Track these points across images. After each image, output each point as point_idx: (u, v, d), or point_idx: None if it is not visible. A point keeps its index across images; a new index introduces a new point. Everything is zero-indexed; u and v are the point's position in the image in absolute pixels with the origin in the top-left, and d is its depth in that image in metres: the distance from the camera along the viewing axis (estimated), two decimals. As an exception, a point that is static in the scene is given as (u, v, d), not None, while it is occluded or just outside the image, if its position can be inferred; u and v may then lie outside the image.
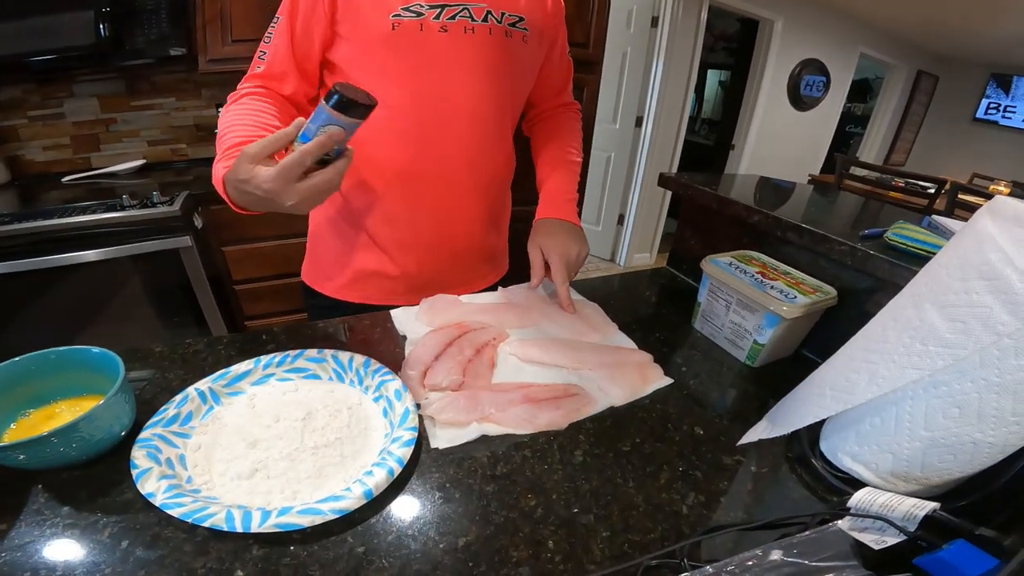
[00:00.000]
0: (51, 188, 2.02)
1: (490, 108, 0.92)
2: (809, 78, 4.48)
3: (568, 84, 1.14)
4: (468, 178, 0.96)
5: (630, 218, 4.15)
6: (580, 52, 2.13)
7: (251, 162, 0.63)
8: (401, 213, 0.97)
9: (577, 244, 0.96)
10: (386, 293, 1.03)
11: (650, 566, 0.48)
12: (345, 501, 0.51)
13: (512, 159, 1.07)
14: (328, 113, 0.60)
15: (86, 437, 0.53)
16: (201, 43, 1.95)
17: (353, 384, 0.71)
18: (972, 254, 0.47)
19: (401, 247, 1.00)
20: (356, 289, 1.04)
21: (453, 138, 0.91)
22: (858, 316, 0.76)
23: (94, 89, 2.16)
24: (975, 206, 3.20)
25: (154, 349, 0.77)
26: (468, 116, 0.90)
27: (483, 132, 0.93)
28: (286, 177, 0.61)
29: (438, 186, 0.95)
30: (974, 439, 0.48)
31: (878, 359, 0.53)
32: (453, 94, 0.88)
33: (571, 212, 1.04)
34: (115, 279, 1.84)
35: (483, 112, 0.91)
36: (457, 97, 0.88)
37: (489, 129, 0.94)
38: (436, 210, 0.97)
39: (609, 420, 0.69)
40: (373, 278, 1.03)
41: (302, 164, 0.61)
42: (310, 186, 0.63)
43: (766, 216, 0.90)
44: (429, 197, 0.96)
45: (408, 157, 0.91)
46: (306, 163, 0.61)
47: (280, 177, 0.61)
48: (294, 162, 0.61)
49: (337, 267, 1.04)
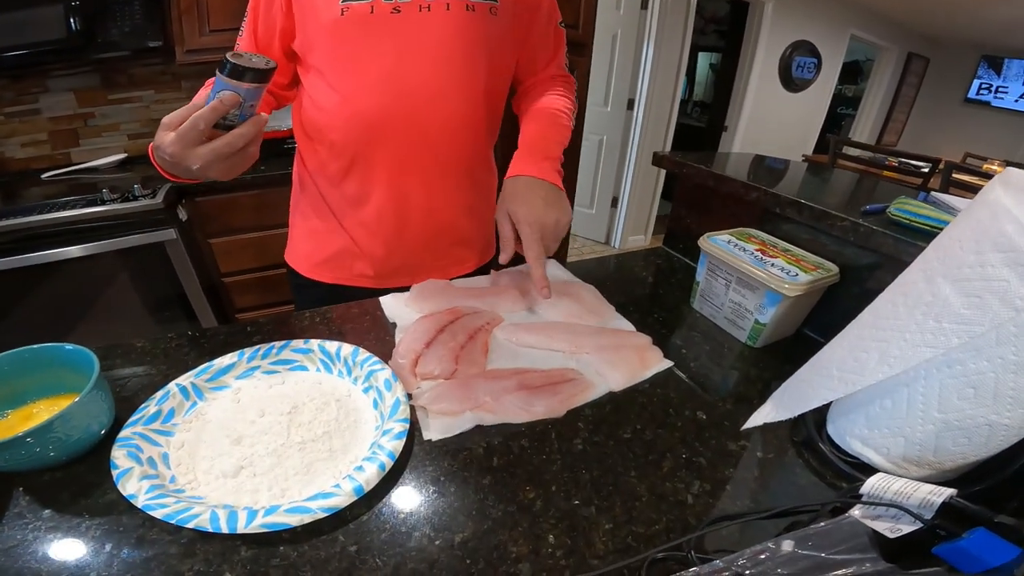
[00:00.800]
0: (31, 185, 2.00)
1: (454, 89, 0.88)
2: (800, 59, 4.48)
3: (558, 55, 1.07)
4: (431, 162, 0.93)
5: (624, 200, 4.17)
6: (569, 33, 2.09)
7: (164, 129, 0.65)
8: (362, 197, 0.95)
9: (555, 210, 0.84)
10: (356, 275, 1.02)
11: (656, 559, 0.46)
12: (335, 498, 0.49)
13: (489, 140, 1.03)
14: (220, 79, 0.63)
15: (62, 437, 0.51)
16: (177, 34, 1.93)
17: (342, 375, 0.69)
18: (987, 226, 0.45)
19: (366, 230, 0.98)
20: (328, 269, 1.03)
21: (410, 122, 0.88)
22: (861, 294, 0.75)
23: (69, 84, 2.13)
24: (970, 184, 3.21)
25: (135, 344, 0.74)
26: (428, 99, 0.87)
27: (446, 114, 0.90)
28: (183, 141, 0.63)
29: (399, 170, 0.92)
30: (990, 421, 0.46)
31: (889, 337, 0.50)
32: (408, 76, 0.85)
33: (550, 170, 0.89)
34: (102, 275, 1.83)
35: (447, 93, 0.88)
36: (412, 79, 0.85)
37: (454, 111, 0.90)
38: (398, 194, 0.94)
39: (608, 406, 0.67)
40: (341, 259, 1.02)
41: (195, 127, 0.63)
42: (209, 149, 0.64)
43: (764, 192, 0.88)
44: (389, 181, 0.93)
45: (365, 141, 0.89)
46: (199, 127, 0.63)
47: (178, 142, 0.63)
48: (188, 126, 0.63)
49: (310, 246, 1.04)
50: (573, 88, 1.10)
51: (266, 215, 2.05)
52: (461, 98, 0.90)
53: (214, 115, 0.63)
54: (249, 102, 0.65)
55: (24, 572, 0.43)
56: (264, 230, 2.09)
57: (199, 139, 0.64)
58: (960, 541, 0.39)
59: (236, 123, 0.66)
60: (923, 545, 0.42)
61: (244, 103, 0.64)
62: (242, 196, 1.98)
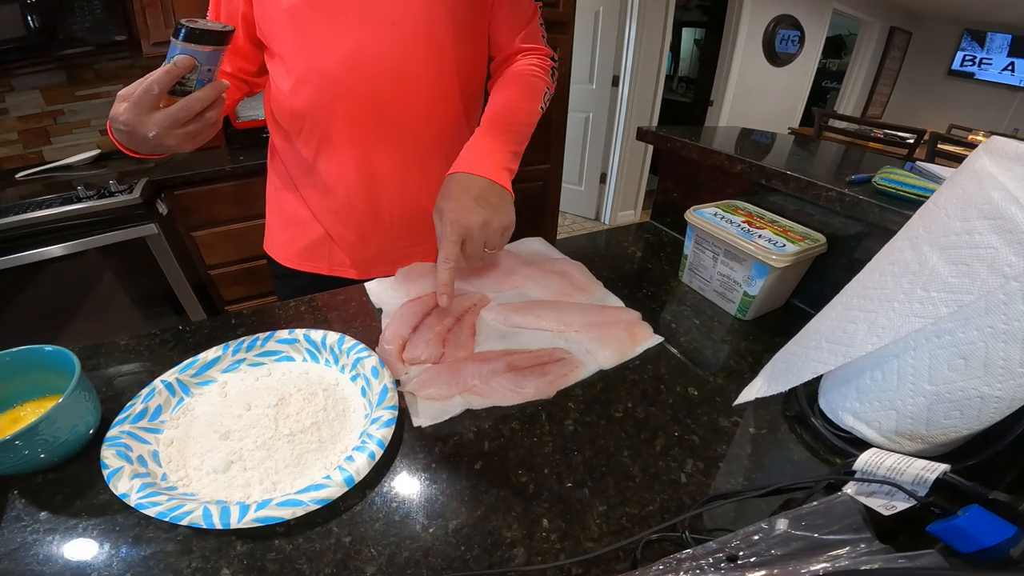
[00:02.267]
0: (5, 185, 1.96)
1: (421, 65, 0.85)
2: (784, 32, 4.45)
3: (530, 25, 0.96)
4: (401, 144, 0.90)
5: (612, 177, 4.17)
6: (550, 12, 2.09)
7: (119, 100, 0.63)
8: (332, 183, 0.93)
9: (486, 210, 0.75)
10: (335, 265, 1.01)
11: (650, 541, 0.46)
12: (326, 490, 0.48)
13: (469, 119, 0.99)
14: (174, 45, 0.62)
15: (50, 439, 0.50)
16: (142, 27, 1.90)
17: (329, 363, 0.68)
18: (973, 193, 0.45)
19: (337, 217, 0.96)
20: (306, 259, 1.02)
21: (376, 103, 0.85)
22: (849, 263, 0.75)
23: (34, 82, 2.09)
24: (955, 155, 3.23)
25: (119, 343, 0.73)
26: (392, 78, 0.84)
27: (413, 92, 0.86)
28: (137, 108, 0.62)
29: (367, 154, 0.90)
30: (981, 393, 0.46)
31: (876, 307, 0.50)
32: (370, 56, 0.82)
33: (492, 167, 0.79)
34: (86, 273, 1.81)
35: (413, 70, 0.84)
36: (375, 58, 0.82)
37: (421, 88, 0.86)
38: (367, 179, 0.92)
39: (599, 385, 0.67)
40: (318, 248, 1.00)
41: (149, 92, 0.61)
42: (165, 115, 0.63)
43: (750, 165, 0.87)
44: (358, 166, 0.91)
45: (330, 125, 0.87)
46: (153, 91, 0.61)
47: (132, 108, 0.62)
48: (141, 91, 0.61)
49: (285, 235, 1.03)
50: (547, 62, 0.99)
51: (248, 206, 2.02)
52: (429, 75, 0.87)
53: (168, 78, 0.61)
54: (206, 66, 0.64)
55: (27, 575, 0.43)
56: (247, 221, 2.07)
57: (154, 105, 0.62)
58: (955, 519, 0.38)
59: (195, 90, 0.65)
60: (918, 522, 0.42)
61: (201, 67, 0.63)
62: (222, 187, 1.95)
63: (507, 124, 0.87)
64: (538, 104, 0.93)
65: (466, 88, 0.94)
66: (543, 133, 2.42)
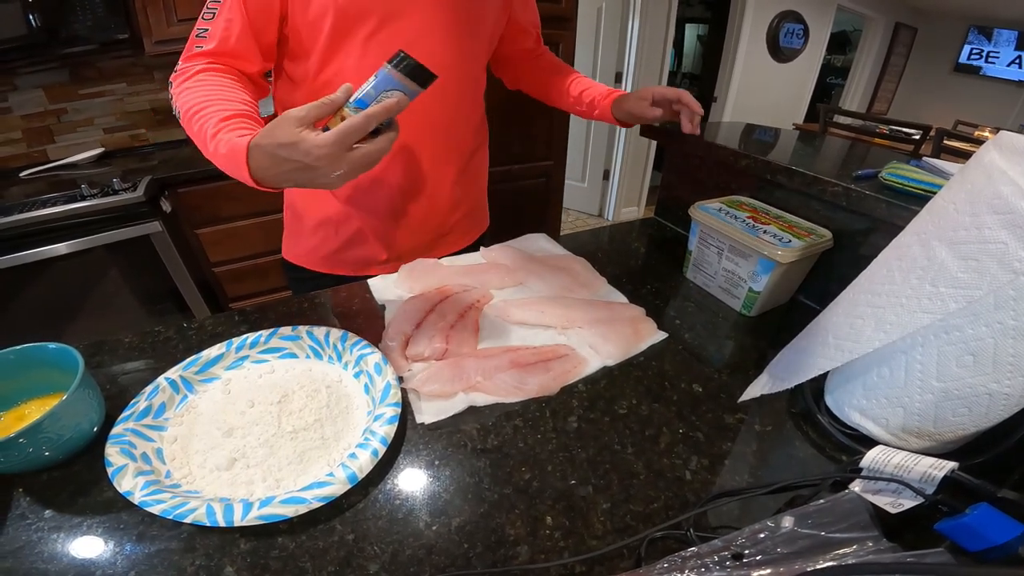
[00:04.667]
0: (10, 184, 1.96)
1: (457, 66, 0.87)
2: (788, 26, 4.42)
3: (538, 28, 1.09)
4: (437, 137, 0.92)
5: (615, 173, 4.15)
6: (552, 8, 2.08)
7: (297, 125, 0.56)
8: (377, 181, 0.93)
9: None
10: (367, 263, 1.01)
11: (655, 538, 0.46)
12: (329, 487, 0.48)
13: (485, 120, 1.04)
14: (395, 78, 0.57)
15: (53, 437, 0.51)
16: (144, 25, 1.89)
17: (332, 360, 0.68)
18: (982, 188, 0.44)
19: (376, 215, 0.96)
20: (338, 262, 1.01)
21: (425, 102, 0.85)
22: (855, 259, 0.75)
23: (37, 80, 2.09)
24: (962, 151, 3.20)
25: (123, 340, 0.73)
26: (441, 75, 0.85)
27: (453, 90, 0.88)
28: (344, 143, 0.56)
29: (413, 151, 0.90)
30: (990, 390, 0.45)
31: (884, 303, 0.50)
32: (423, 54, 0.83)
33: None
34: (91, 271, 1.81)
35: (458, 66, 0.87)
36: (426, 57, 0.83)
37: (459, 88, 0.90)
38: (412, 175, 0.93)
39: (603, 381, 0.67)
40: (352, 248, 0.99)
41: (365, 129, 0.56)
42: (362, 155, 0.57)
43: (755, 160, 0.87)
44: (405, 164, 0.91)
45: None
46: (369, 128, 0.56)
47: (338, 143, 0.55)
48: (357, 126, 0.55)
49: (316, 240, 1.01)
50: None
51: (251, 203, 2.02)
52: (464, 75, 0.90)
53: (387, 116, 0.57)
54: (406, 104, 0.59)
55: (31, 573, 0.43)
56: (250, 218, 2.07)
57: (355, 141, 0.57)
58: (963, 518, 0.38)
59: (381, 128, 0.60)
60: (925, 520, 0.42)
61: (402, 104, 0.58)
62: (226, 185, 1.95)
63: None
64: None
65: (482, 90, 1.01)
66: (546, 129, 2.41)
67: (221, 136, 0.64)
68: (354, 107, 0.58)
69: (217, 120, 0.66)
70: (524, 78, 1.13)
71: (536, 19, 1.07)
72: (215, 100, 0.69)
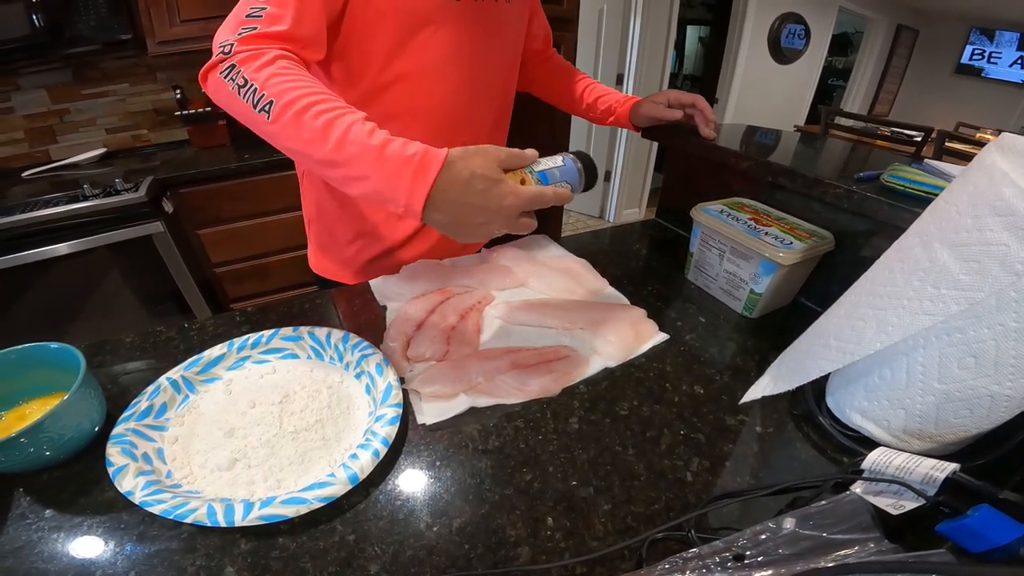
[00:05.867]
0: (12, 184, 1.96)
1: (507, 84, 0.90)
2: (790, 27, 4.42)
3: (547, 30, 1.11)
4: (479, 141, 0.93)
5: (617, 174, 4.14)
6: (554, 9, 2.08)
7: (499, 165, 0.54)
8: None
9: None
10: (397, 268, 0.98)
11: (656, 540, 0.46)
12: (330, 488, 0.48)
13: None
14: (574, 167, 0.60)
15: (55, 436, 0.51)
16: (147, 26, 1.89)
17: (333, 361, 0.68)
18: (984, 190, 0.44)
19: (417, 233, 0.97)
20: (372, 270, 0.97)
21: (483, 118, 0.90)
22: (857, 261, 0.75)
23: (40, 80, 2.09)
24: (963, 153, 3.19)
25: (124, 340, 0.73)
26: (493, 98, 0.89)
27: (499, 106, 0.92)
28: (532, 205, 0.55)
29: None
30: (991, 391, 0.45)
31: (886, 305, 0.50)
32: (489, 71, 0.86)
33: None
34: (92, 271, 1.82)
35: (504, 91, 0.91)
36: (491, 73, 0.86)
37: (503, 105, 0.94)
38: None
39: (604, 383, 0.66)
40: (389, 256, 0.97)
41: (544, 203, 0.55)
42: (521, 223, 0.56)
43: (756, 162, 0.86)
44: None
45: (447, 136, 0.82)
46: (545, 205, 0.56)
47: (529, 203, 0.54)
48: (548, 199, 0.55)
49: (352, 251, 0.98)
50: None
51: (253, 203, 2.02)
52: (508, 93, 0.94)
53: (558, 202, 0.57)
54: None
55: (31, 572, 0.43)
56: (252, 218, 2.07)
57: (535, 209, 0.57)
58: (964, 519, 0.38)
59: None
60: (927, 522, 0.42)
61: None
62: (228, 186, 1.95)
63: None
64: None
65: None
66: (548, 130, 2.41)
67: (389, 137, 0.56)
68: (535, 176, 0.58)
69: (362, 119, 0.58)
70: (534, 80, 1.14)
71: (544, 21, 1.08)
72: (331, 96, 0.59)
